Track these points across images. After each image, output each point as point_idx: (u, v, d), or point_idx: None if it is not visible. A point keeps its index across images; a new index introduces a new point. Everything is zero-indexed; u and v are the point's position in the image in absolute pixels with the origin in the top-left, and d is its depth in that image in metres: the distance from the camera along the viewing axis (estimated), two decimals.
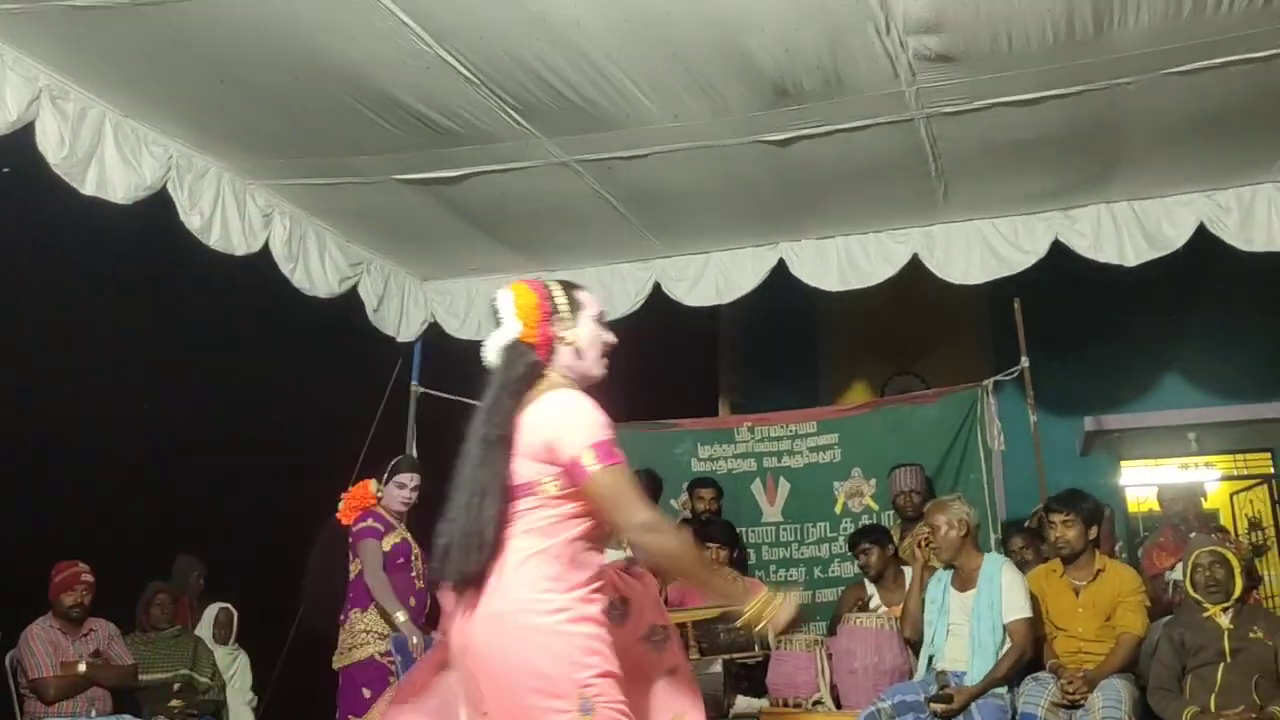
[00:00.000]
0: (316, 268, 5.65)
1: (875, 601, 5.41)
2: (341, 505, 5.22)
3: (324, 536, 5.26)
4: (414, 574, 5.15)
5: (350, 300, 6.02)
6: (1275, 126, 4.80)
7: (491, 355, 2.65)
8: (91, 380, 6.66)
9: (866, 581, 5.55)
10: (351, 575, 5.11)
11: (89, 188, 4.27)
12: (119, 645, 5.80)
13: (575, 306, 2.66)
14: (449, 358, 6.57)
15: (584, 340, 2.65)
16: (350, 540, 5.13)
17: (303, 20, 3.80)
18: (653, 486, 5.90)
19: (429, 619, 5.35)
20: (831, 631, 5.50)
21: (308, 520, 5.43)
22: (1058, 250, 5.63)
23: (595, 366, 2.68)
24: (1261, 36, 4.00)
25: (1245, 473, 8.92)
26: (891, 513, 6.30)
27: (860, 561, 5.58)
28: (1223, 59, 4.15)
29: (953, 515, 4.83)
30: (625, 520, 2.48)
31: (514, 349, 2.62)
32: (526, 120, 4.54)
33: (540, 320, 2.62)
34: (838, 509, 6.67)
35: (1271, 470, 8.55)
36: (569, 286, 2.72)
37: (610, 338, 2.73)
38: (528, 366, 2.59)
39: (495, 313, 2.66)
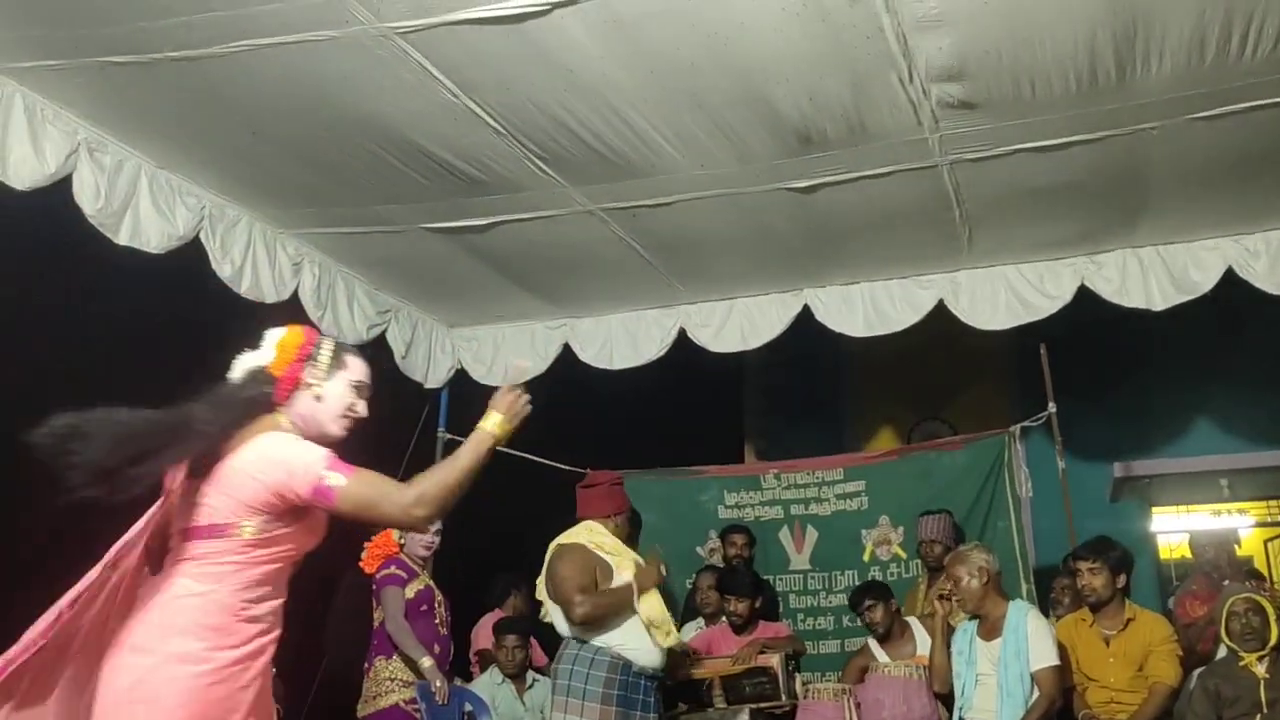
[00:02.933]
0: (345, 315, 5.71)
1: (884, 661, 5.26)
2: (365, 553, 5.23)
3: (348, 584, 5.26)
4: (437, 621, 5.15)
5: (378, 347, 6.06)
6: None
7: (233, 372, 2.60)
8: None
9: (871, 645, 5.35)
10: (375, 623, 5.12)
11: (123, 238, 4.34)
12: None
13: (336, 364, 2.64)
14: (476, 404, 6.56)
15: (329, 395, 2.61)
16: (374, 588, 5.14)
17: (332, 73, 3.87)
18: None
19: (453, 665, 5.34)
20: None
21: (333, 568, 5.41)
22: (1084, 295, 5.61)
23: (333, 424, 2.61)
24: None
25: None
26: (919, 561, 6.23)
27: (866, 620, 5.37)
28: (1247, 104, 4.15)
29: (972, 565, 4.77)
30: (396, 508, 2.45)
31: (256, 374, 2.57)
32: (553, 169, 4.59)
33: (293, 360, 2.58)
34: (866, 557, 6.60)
35: None
36: (342, 348, 2.71)
37: (361, 410, 2.67)
38: (259, 393, 2.54)
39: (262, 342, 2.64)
